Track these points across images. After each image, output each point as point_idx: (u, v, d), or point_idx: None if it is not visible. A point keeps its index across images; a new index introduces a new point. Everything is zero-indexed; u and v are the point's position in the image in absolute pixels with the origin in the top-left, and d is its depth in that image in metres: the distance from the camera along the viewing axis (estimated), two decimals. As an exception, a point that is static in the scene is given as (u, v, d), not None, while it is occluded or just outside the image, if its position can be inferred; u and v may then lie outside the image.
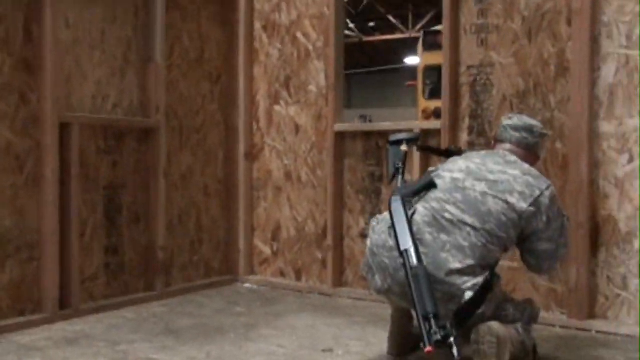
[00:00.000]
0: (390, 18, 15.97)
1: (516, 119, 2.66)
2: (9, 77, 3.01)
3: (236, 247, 4.11)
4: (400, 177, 2.56)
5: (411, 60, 16.28)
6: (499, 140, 2.67)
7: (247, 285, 4.03)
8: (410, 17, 15.99)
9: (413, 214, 2.37)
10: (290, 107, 3.98)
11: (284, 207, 4.00)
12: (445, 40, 3.42)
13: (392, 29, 16.85)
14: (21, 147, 3.06)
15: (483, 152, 2.63)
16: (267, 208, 4.06)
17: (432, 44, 9.24)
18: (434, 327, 1.99)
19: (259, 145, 4.10)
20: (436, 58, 3.60)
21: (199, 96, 3.96)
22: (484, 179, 2.43)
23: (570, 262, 3.05)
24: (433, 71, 9.12)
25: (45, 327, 3.02)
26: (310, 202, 3.90)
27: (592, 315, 3.05)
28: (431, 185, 2.45)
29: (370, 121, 12.49)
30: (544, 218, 2.42)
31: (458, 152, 2.78)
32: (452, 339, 1.98)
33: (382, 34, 17.34)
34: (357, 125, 4.08)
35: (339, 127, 3.75)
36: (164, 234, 3.66)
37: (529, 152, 2.61)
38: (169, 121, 3.73)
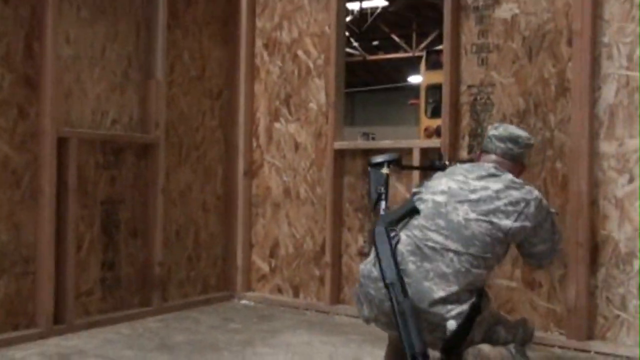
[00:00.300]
0: (394, 37, 16.04)
1: (502, 129, 2.63)
2: (8, 93, 3.02)
3: (234, 263, 4.09)
4: (383, 202, 2.52)
5: (414, 79, 16.34)
6: (484, 151, 2.64)
7: (244, 301, 4.01)
8: (414, 36, 16.07)
9: (397, 243, 2.33)
10: (290, 125, 3.98)
11: (283, 223, 3.98)
12: (445, 59, 3.42)
13: (396, 48, 16.92)
14: (19, 162, 3.05)
15: (466, 166, 2.59)
16: (266, 225, 4.05)
17: (434, 63, 9.28)
18: None
19: (258, 162, 4.10)
20: (438, 77, 3.60)
21: (199, 113, 3.96)
22: (467, 200, 2.39)
23: (570, 282, 3.03)
24: (435, 90, 9.15)
25: (39, 342, 3.00)
26: (308, 219, 3.89)
27: (591, 336, 3.02)
28: (414, 211, 2.42)
29: (373, 139, 12.50)
30: (532, 225, 2.41)
31: (442, 167, 2.72)
32: None
33: (386, 52, 17.41)
34: (356, 143, 4.09)
35: (339, 144, 3.75)
36: (161, 249, 3.65)
37: (515, 162, 2.60)
38: (168, 137, 3.73)
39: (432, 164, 2.85)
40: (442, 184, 2.48)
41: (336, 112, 3.78)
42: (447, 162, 2.79)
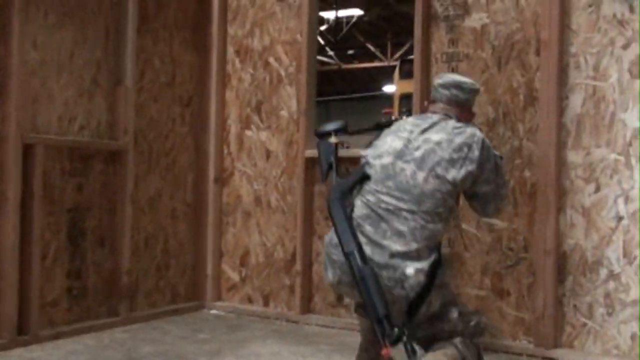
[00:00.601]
0: (369, 46, 16.12)
1: (446, 78, 2.69)
2: (-29, 97, 2.96)
3: (203, 272, 4.05)
4: (334, 172, 2.55)
5: (389, 88, 16.41)
6: (431, 101, 2.69)
7: (213, 311, 3.96)
8: (389, 45, 16.15)
9: (351, 210, 2.38)
10: (261, 132, 3.95)
11: (253, 232, 3.95)
12: (416, 68, 3.44)
13: (371, 57, 17.00)
14: (-18, 168, 3.00)
15: (411, 119, 2.65)
16: (236, 233, 4.01)
17: (407, 73, 9.34)
18: (388, 329, 2.06)
19: (229, 170, 4.07)
20: (411, 86, 3.61)
21: (169, 119, 3.92)
22: (412, 159, 2.42)
23: (538, 290, 3.04)
24: (409, 99, 9.16)
25: (1, 354, 2.92)
26: (279, 228, 3.86)
27: (558, 344, 3.03)
28: (365, 177, 2.46)
29: (348, 147, 12.50)
30: (476, 166, 2.44)
31: (388, 125, 2.70)
32: (405, 337, 2.04)
33: (361, 61, 17.48)
34: (329, 151, 4.09)
35: (310, 152, 3.73)
36: (129, 258, 3.59)
37: (462, 108, 2.63)
38: (137, 144, 3.68)
39: (378, 124, 2.84)
40: (387, 143, 2.51)
41: (307, 120, 3.76)
42: (393, 118, 2.79)
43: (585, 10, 3.04)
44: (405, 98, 9.77)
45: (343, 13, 14.10)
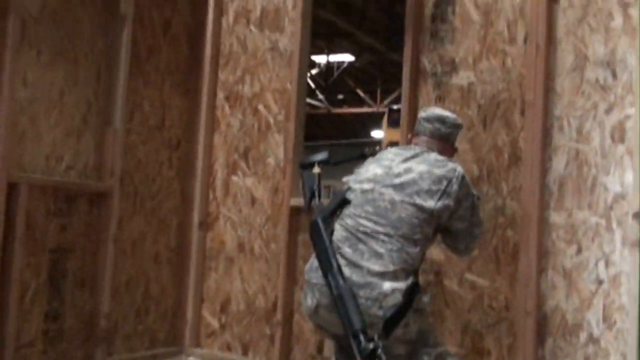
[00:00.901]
0: (359, 92, 16.28)
1: (429, 111, 2.78)
2: (-42, 134, 2.96)
3: (184, 318, 4.00)
4: (316, 200, 2.61)
5: (378, 134, 16.53)
6: (415, 134, 2.78)
7: (191, 358, 3.91)
8: (379, 92, 16.32)
9: (331, 233, 2.45)
10: (247, 178, 3.96)
11: (235, 279, 3.93)
12: (403, 122, 3.48)
13: (361, 103, 17.15)
14: (-35, 206, 2.98)
15: (394, 149, 2.72)
16: (218, 279, 3.99)
17: (395, 121, 9.46)
18: (363, 342, 2.08)
19: (214, 215, 4.06)
20: (398, 135, 3.67)
21: (157, 162, 3.93)
22: (391, 185, 2.51)
23: (518, 351, 3.03)
24: (397, 147, 9.25)
25: (-29, 396, 2.87)
26: (262, 276, 3.84)
27: (538, 407, 3.01)
28: (345, 202, 2.54)
29: (335, 192, 12.52)
30: (454, 201, 2.51)
31: (372, 154, 2.79)
32: (380, 351, 2.06)
33: (351, 106, 17.63)
34: (315, 199, 4.11)
35: (295, 201, 3.74)
36: (108, 301, 3.56)
37: (444, 142, 2.72)
38: (123, 186, 3.68)
39: (362, 154, 2.88)
40: (369, 170, 2.60)
41: (294, 169, 3.78)
42: (377, 148, 2.85)
43: (569, 74, 3.10)
44: (393, 146, 9.86)
45: (334, 58, 14.27)
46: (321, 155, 2.77)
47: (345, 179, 2.72)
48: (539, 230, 3.06)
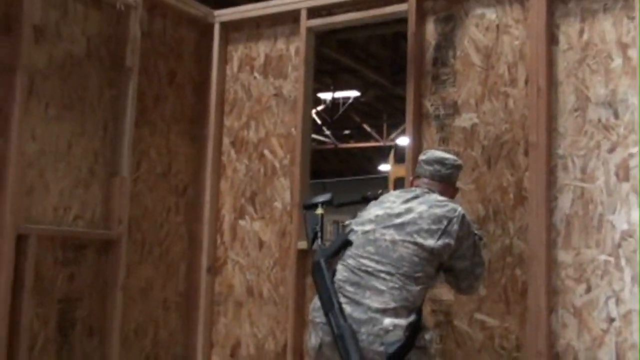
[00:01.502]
0: (365, 127, 16.37)
1: (429, 154, 2.84)
2: (-32, 190, 3.00)
3: (193, 363, 3.99)
4: (319, 240, 2.66)
5: (385, 167, 16.56)
6: (416, 177, 2.82)
7: (202, 405, 3.89)
8: (385, 126, 16.41)
9: (334, 274, 2.50)
10: (254, 222, 3.98)
11: (245, 323, 3.92)
12: (407, 164, 3.50)
13: (367, 137, 17.24)
14: (-25, 259, 3.00)
15: (396, 192, 2.77)
16: (227, 323, 3.98)
17: (402, 157, 9.46)
18: None
19: (222, 259, 4.07)
20: (405, 171, 3.68)
21: (164, 209, 3.96)
22: (392, 225, 2.54)
23: (530, 393, 3.00)
24: (403, 183, 9.26)
25: None
26: (270, 319, 3.83)
27: None
28: (347, 244, 2.57)
29: (344, 227, 12.50)
30: (455, 240, 2.53)
31: (375, 198, 2.82)
32: None
33: (357, 141, 17.71)
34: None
35: (303, 244, 3.74)
36: (117, 349, 3.55)
37: (445, 183, 2.76)
38: (131, 233, 3.70)
39: (365, 197, 2.90)
40: (370, 213, 2.65)
41: (301, 212, 3.79)
42: (379, 192, 2.86)
43: (571, 115, 3.12)
44: (400, 181, 9.89)
45: (340, 94, 14.39)
46: (325, 197, 2.82)
47: (347, 222, 2.76)
48: (547, 269, 3.05)
